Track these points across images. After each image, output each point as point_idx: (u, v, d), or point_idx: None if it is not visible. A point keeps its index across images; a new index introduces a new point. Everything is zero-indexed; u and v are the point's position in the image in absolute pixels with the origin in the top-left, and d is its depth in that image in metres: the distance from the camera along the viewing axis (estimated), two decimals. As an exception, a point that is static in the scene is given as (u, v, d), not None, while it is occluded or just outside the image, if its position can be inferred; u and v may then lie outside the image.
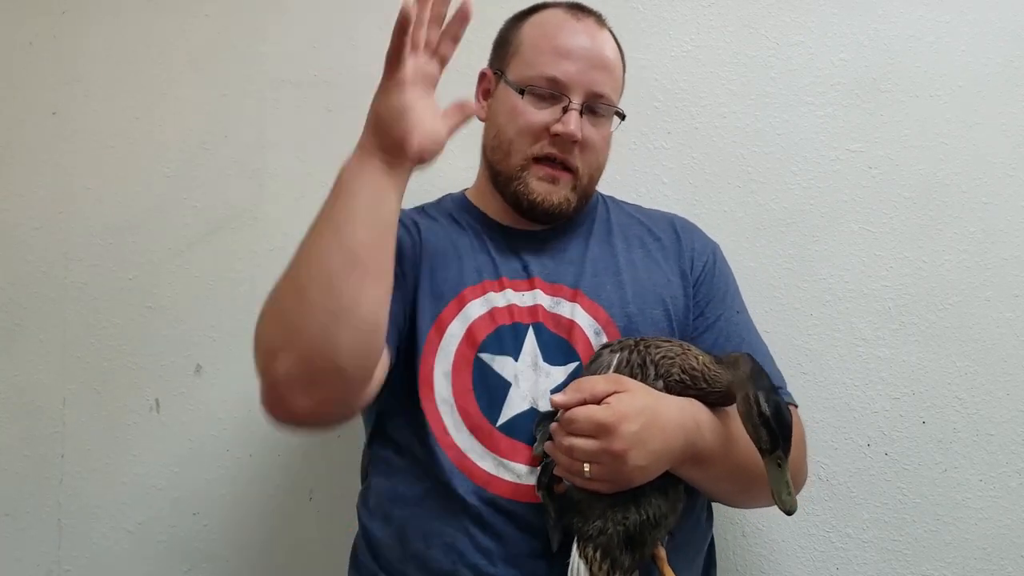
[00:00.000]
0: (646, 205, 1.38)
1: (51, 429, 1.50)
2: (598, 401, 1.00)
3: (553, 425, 1.04)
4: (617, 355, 1.07)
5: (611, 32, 1.23)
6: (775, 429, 0.97)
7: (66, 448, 1.49)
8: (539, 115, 1.16)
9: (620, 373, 1.05)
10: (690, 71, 1.50)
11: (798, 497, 1.23)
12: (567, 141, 1.15)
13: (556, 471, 1.04)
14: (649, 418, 1.00)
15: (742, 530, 1.45)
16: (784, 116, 1.49)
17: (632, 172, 1.49)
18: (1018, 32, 1.47)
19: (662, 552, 1.05)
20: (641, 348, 1.07)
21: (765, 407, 0.97)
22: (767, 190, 1.49)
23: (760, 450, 0.99)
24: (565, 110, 1.15)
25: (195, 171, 1.52)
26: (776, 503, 0.97)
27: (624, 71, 1.25)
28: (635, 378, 1.04)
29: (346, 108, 1.52)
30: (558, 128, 1.15)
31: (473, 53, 1.29)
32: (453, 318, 1.14)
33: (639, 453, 0.99)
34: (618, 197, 1.36)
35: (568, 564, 1.02)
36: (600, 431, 0.98)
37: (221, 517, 1.48)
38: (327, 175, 1.49)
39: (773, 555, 1.45)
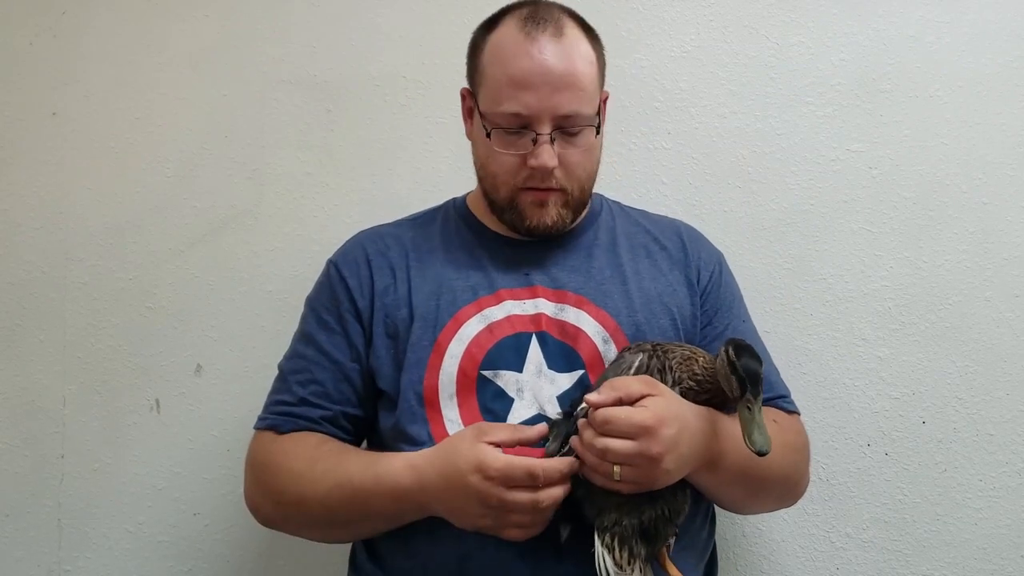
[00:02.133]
0: (646, 205, 1.38)
1: (51, 429, 1.50)
2: (633, 402, 1.00)
3: (582, 421, 1.02)
4: (639, 357, 1.07)
5: (582, 30, 1.16)
6: (740, 374, 0.97)
7: (66, 448, 1.49)
8: (510, 155, 1.14)
9: (640, 374, 1.05)
10: (690, 71, 1.50)
11: (796, 507, 1.24)
12: (543, 172, 1.13)
13: (581, 469, 1.03)
14: (683, 423, 1.00)
15: (742, 530, 1.45)
16: (784, 116, 1.49)
17: (632, 172, 1.49)
18: (1018, 32, 1.47)
19: (665, 552, 1.06)
20: (660, 353, 1.07)
21: (732, 357, 0.98)
22: (767, 190, 1.48)
23: (734, 400, 0.99)
24: (535, 141, 1.12)
25: (195, 171, 1.52)
26: (746, 443, 0.96)
27: (602, 63, 1.19)
28: None
29: (346, 108, 1.52)
30: (532, 163, 1.13)
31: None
32: (451, 340, 1.14)
33: (672, 457, 0.99)
34: (619, 197, 1.36)
35: (592, 554, 1.02)
36: (640, 433, 0.97)
37: (221, 517, 1.48)
38: (327, 175, 1.51)
39: (773, 555, 1.45)
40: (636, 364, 1.06)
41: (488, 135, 1.14)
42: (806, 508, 1.43)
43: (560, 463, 1.01)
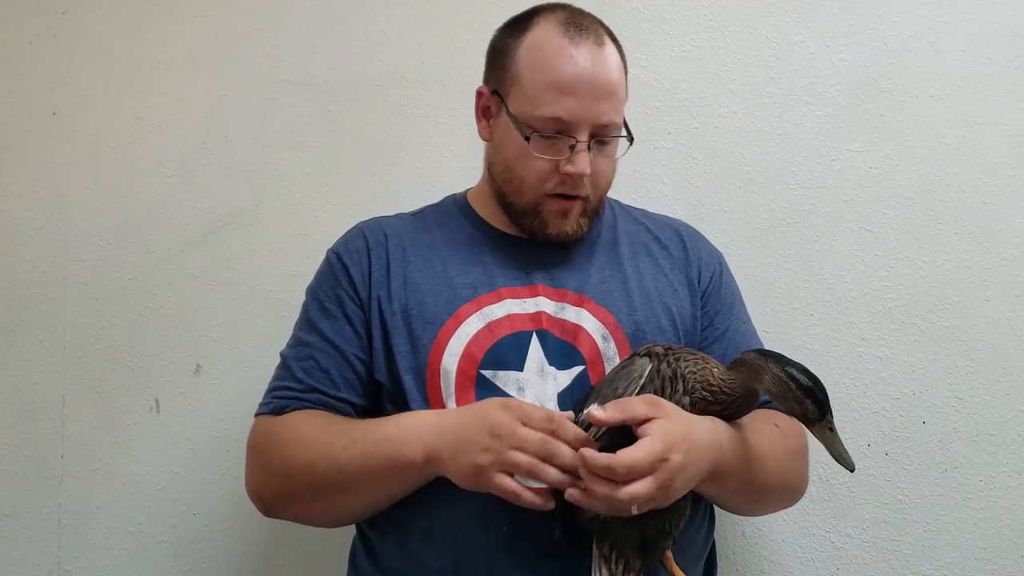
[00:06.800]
0: (646, 205, 1.38)
1: (51, 429, 1.49)
2: (637, 423, 0.99)
3: (584, 471, 0.98)
4: (650, 364, 1.06)
5: (612, 40, 1.17)
6: (820, 397, 0.99)
7: (66, 448, 1.49)
8: (546, 159, 1.13)
9: (651, 383, 1.04)
10: (690, 71, 1.50)
11: (796, 507, 1.26)
12: (577, 179, 1.14)
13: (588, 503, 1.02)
14: (690, 444, 1.00)
15: (742, 531, 1.45)
16: (784, 116, 1.49)
17: (632, 172, 1.48)
18: (1018, 32, 1.47)
19: (669, 553, 1.06)
20: (671, 359, 1.06)
21: (804, 379, 1.00)
22: (767, 190, 1.49)
23: (808, 421, 1.01)
24: (572, 147, 1.12)
25: (195, 171, 1.52)
26: (840, 463, 1.00)
27: (627, 75, 1.22)
28: (664, 391, 1.04)
29: (346, 108, 1.52)
30: (568, 169, 1.12)
31: (475, 55, 1.30)
32: (450, 338, 1.14)
33: (681, 479, 0.99)
34: (619, 197, 1.36)
35: (589, 562, 1.03)
36: (655, 468, 0.96)
37: (221, 517, 1.48)
38: (327, 175, 1.51)
39: (773, 555, 1.45)
40: (646, 373, 1.04)
41: (527, 139, 1.13)
42: (806, 508, 1.43)
43: (577, 430, 1.00)
